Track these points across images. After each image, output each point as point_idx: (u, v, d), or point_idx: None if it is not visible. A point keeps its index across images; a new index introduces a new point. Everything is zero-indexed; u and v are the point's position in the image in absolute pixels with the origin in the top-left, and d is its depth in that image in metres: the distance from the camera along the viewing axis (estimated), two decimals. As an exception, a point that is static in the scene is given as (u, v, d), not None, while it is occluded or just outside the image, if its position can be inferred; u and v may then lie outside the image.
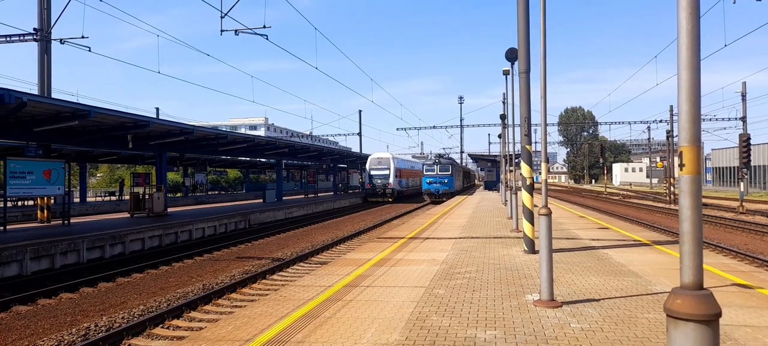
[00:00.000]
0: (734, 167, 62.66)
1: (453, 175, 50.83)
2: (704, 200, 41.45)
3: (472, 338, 5.47)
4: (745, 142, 30.19)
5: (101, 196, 47.66)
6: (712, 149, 79.55)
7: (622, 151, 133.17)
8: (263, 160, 49.32)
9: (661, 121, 66.85)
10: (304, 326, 6.04)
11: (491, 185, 59.29)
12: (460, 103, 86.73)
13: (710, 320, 2.61)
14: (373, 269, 9.61)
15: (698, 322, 2.61)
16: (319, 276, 9.11)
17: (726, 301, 6.84)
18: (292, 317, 6.41)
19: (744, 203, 30.35)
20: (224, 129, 71.97)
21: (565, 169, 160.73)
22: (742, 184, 32.01)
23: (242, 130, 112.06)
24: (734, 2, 18.74)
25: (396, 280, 8.63)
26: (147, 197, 25.90)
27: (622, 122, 64.34)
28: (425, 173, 50.96)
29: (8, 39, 24.66)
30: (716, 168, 78.87)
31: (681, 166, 2.77)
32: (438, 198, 48.63)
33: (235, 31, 16.41)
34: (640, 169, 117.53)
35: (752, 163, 31.42)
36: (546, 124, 7.73)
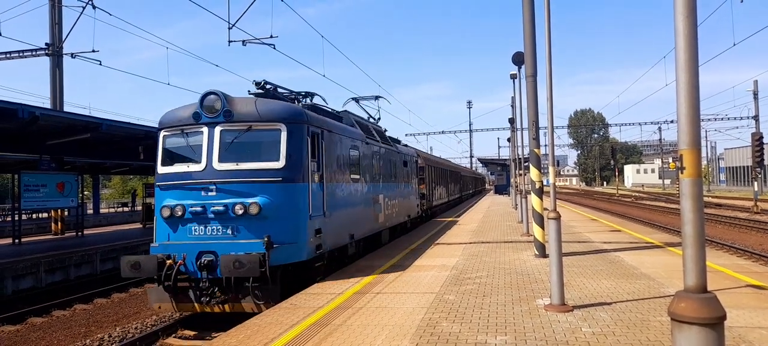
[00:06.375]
0: (747, 167, 61.95)
1: (300, 178, 9.17)
2: (718, 200, 41.03)
3: (483, 344, 5.47)
4: (758, 141, 29.89)
5: (114, 207, 48.09)
6: (725, 149, 78.85)
7: (633, 153, 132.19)
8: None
9: (671, 121, 66.24)
10: (314, 334, 6.07)
11: (502, 189, 59.03)
12: (469, 108, 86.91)
13: (714, 323, 2.61)
14: (383, 276, 9.62)
15: (702, 325, 2.62)
16: (329, 283, 9.14)
17: (740, 303, 6.77)
18: (302, 326, 6.44)
19: (758, 203, 29.98)
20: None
21: (576, 172, 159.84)
22: (755, 183, 31.67)
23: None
24: (742, 1, 18.61)
25: (406, 286, 8.64)
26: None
27: (633, 123, 64.07)
28: (159, 183, 9.28)
29: (21, 54, 25.07)
30: (729, 168, 78.06)
31: (681, 169, 2.78)
32: (208, 295, 8.45)
33: (243, 41, 16.55)
34: (652, 171, 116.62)
35: (766, 163, 31.06)
36: (553, 127, 7.72)
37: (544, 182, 10.91)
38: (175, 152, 9.31)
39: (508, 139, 38.66)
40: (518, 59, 14.05)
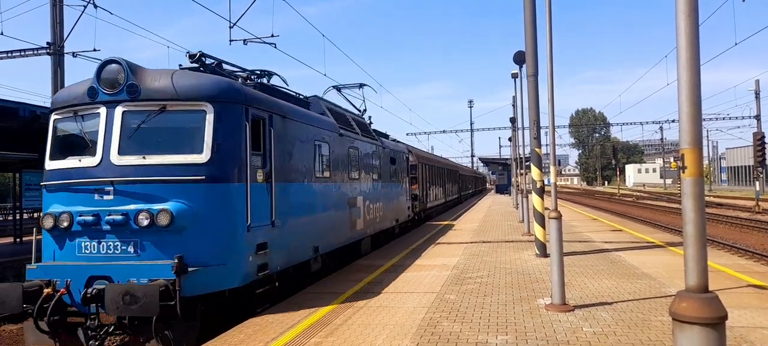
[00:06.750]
0: (749, 166, 61.86)
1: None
2: (719, 200, 40.98)
3: (484, 344, 5.47)
4: (760, 141, 29.82)
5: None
6: (727, 148, 78.79)
7: (634, 152, 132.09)
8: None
9: (673, 121, 66.17)
10: (315, 333, 6.07)
11: (503, 189, 59.09)
12: (470, 107, 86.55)
13: (716, 323, 2.61)
14: (384, 275, 9.62)
15: (704, 325, 2.61)
16: (330, 283, 9.14)
17: (741, 302, 6.76)
18: (303, 325, 6.44)
19: (760, 203, 29.91)
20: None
21: (577, 172, 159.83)
22: (757, 183, 31.61)
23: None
24: (744, 0, 18.58)
25: (407, 286, 8.64)
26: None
27: (634, 123, 64.11)
28: (46, 182, 7.18)
29: (23, 53, 25.09)
30: (731, 167, 78.00)
31: (683, 168, 2.78)
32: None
33: (244, 40, 16.52)
34: (654, 170, 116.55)
35: (767, 162, 31.01)
36: (554, 126, 7.72)
37: (545, 182, 10.92)
38: (66, 142, 7.10)
39: (510, 139, 38.68)
40: (519, 58, 14.06)
